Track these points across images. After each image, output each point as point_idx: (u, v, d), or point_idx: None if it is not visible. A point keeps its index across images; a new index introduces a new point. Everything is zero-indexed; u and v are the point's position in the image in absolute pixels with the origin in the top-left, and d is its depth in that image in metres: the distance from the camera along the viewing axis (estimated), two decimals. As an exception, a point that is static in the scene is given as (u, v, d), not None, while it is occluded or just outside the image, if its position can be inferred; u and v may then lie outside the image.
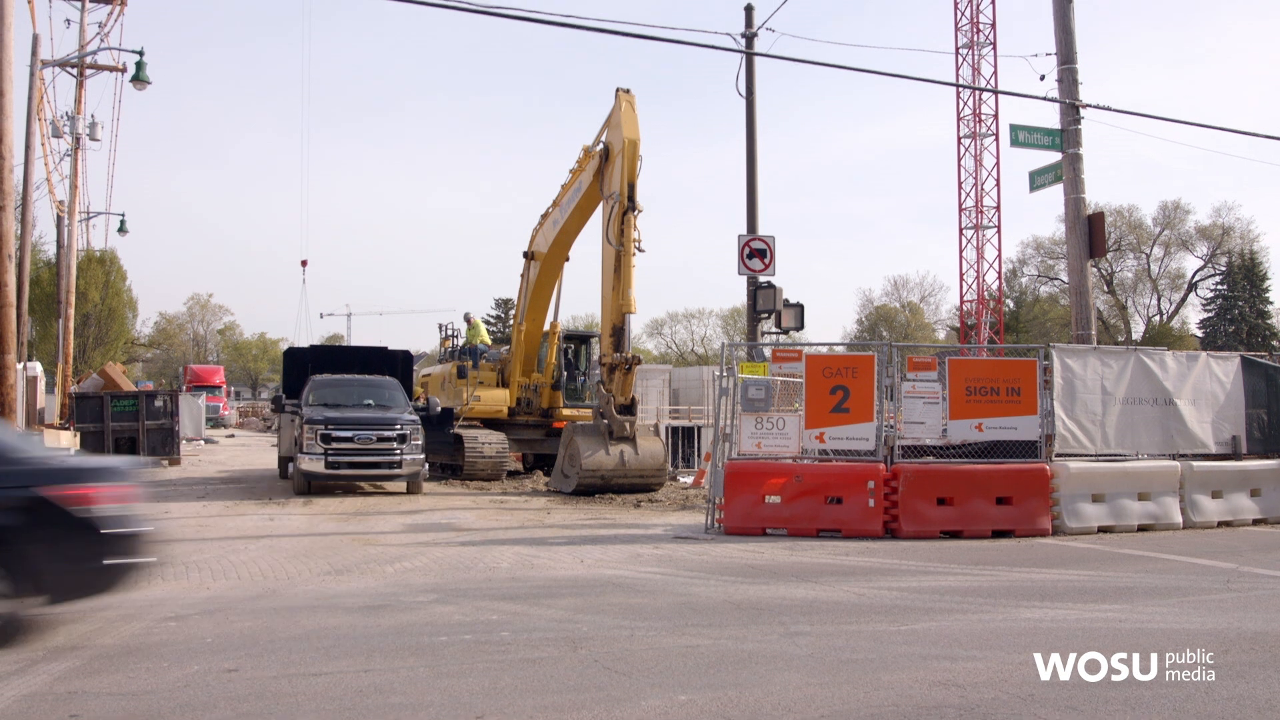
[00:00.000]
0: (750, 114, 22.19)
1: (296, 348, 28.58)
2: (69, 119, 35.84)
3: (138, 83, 29.44)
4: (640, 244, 19.99)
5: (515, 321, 26.54)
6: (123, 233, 43.81)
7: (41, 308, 45.86)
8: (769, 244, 20.86)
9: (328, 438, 19.22)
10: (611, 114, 21.03)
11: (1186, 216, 77.52)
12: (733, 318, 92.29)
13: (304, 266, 70.76)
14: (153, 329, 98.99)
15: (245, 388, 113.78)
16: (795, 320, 21.11)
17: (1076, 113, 19.35)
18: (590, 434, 20.31)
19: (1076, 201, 19.45)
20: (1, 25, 19.98)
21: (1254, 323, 74.67)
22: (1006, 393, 15.35)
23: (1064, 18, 19.64)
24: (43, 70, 30.80)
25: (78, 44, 34.47)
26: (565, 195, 23.29)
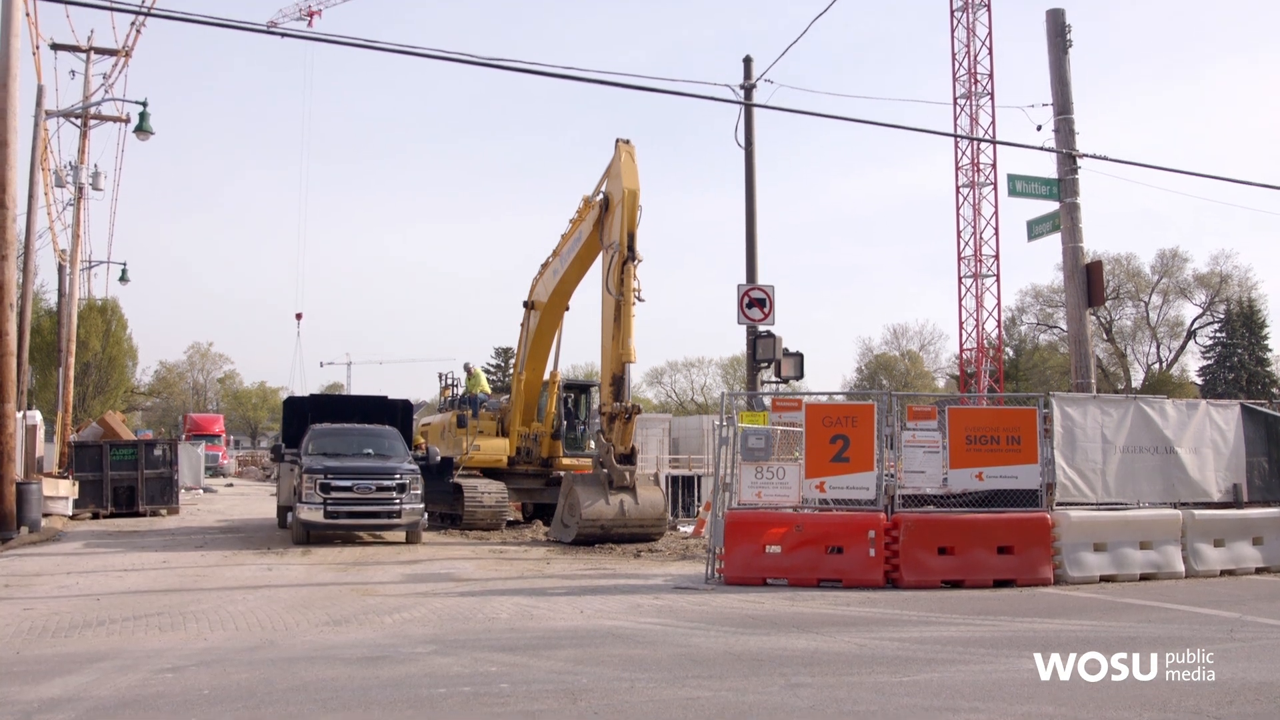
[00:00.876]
0: (749, 164, 22.33)
1: (296, 397, 28.61)
2: (72, 168, 36.09)
3: (141, 133, 29.66)
4: (640, 293, 20.06)
5: (515, 371, 26.56)
6: (124, 281, 44.03)
7: (42, 356, 45.91)
8: (768, 293, 20.92)
9: (327, 487, 19.17)
10: (611, 164, 21.16)
11: (1184, 264, 77.84)
12: (732, 367, 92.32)
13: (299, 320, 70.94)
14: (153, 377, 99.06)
15: (245, 436, 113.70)
16: (795, 369, 21.12)
17: (1073, 162, 19.48)
18: (590, 483, 20.26)
19: (1075, 250, 19.54)
20: (7, 76, 20.20)
21: (1253, 370, 74.66)
22: (1007, 441, 15.33)
23: (1060, 69, 19.81)
24: (47, 120, 31.09)
25: (82, 95, 34.77)
26: (565, 245, 23.38)
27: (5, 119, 20.11)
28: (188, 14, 14.58)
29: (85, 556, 17.81)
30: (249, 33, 16.23)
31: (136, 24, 32.29)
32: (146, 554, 18.10)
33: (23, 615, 11.30)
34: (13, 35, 20.24)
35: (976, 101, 49.40)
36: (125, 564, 16.55)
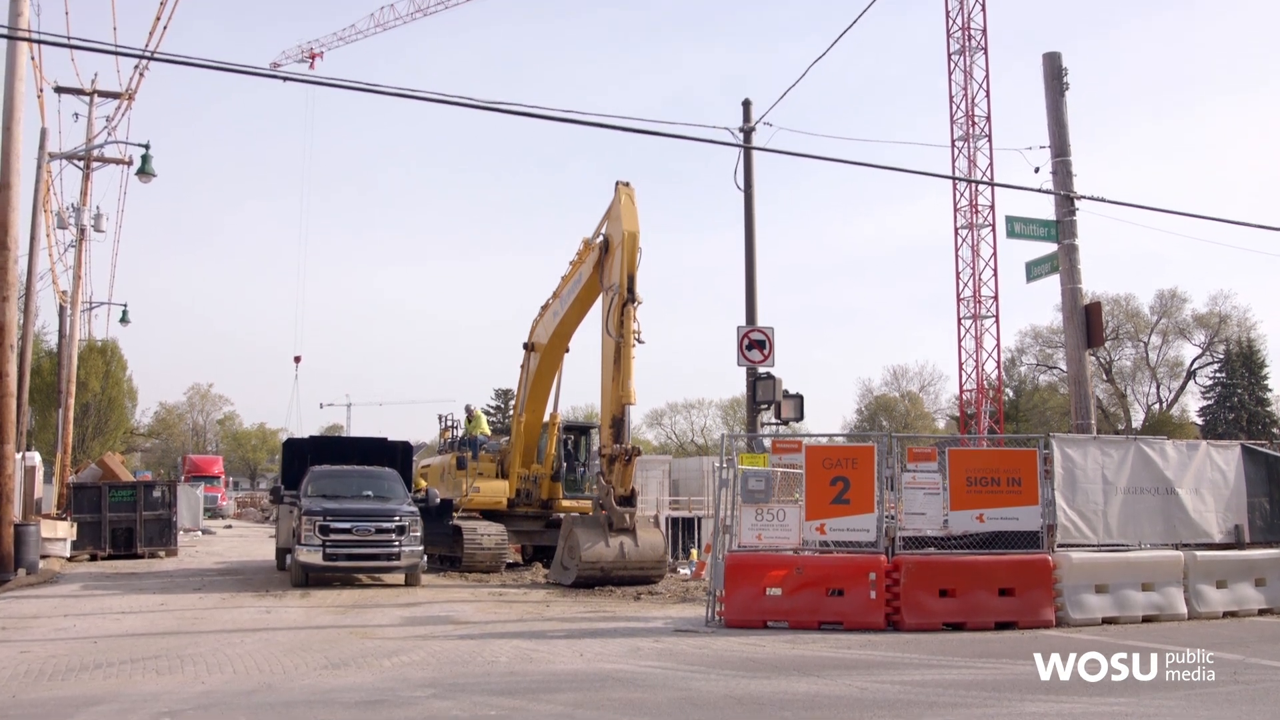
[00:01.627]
0: (749, 206, 22.43)
1: (296, 438, 28.56)
2: (74, 210, 36.23)
3: (143, 175, 29.78)
4: (640, 335, 20.08)
5: (515, 412, 26.55)
6: (124, 323, 44.07)
7: (41, 397, 45.86)
8: (768, 335, 20.95)
9: (326, 529, 19.10)
10: (611, 206, 21.25)
11: (1183, 305, 78.00)
12: (732, 408, 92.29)
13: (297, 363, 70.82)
14: (152, 419, 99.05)
15: (244, 478, 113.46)
16: (795, 411, 21.13)
17: (1071, 204, 19.58)
18: (590, 526, 20.21)
19: (1073, 292, 19.60)
20: (11, 120, 20.33)
21: (1254, 410, 74.62)
22: (1007, 483, 15.30)
23: (1057, 112, 19.96)
24: (50, 163, 31.23)
25: (85, 137, 34.96)
26: (565, 287, 23.44)
27: (8, 162, 20.23)
28: (191, 58, 14.68)
29: (83, 599, 17.73)
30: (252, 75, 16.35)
31: (140, 67, 32.49)
32: (144, 596, 18.02)
33: (19, 658, 11.24)
34: (17, 79, 20.39)
35: (974, 143, 49.63)
36: (123, 606, 16.48)
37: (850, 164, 18.97)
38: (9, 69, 20.28)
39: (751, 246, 22.45)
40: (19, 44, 20.03)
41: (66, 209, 36.08)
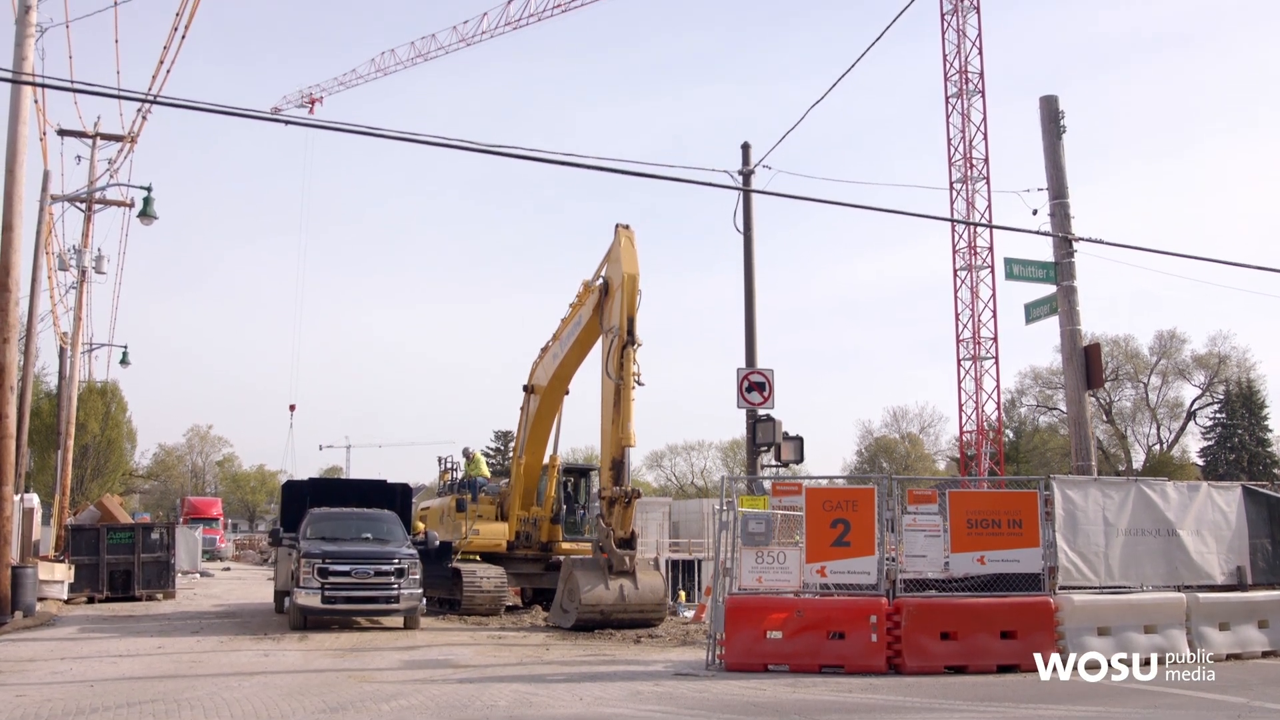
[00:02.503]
0: (748, 249, 22.49)
1: (295, 481, 28.55)
2: (75, 252, 36.32)
3: (145, 218, 29.92)
4: (640, 378, 20.10)
5: (514, 455, 26.51)
6: (125, 364, 44.08)
7: (41, 438, 45.82)
8: (768, 377, 20.96)
9: (325, 571, 19.04)
10: (611, 249, 21.32)
11: (1183, 346, 78.12)
12: (732, 450, 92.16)
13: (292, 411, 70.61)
14: (151, 460, 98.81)
15: (243, 520, 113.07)
16: (795, 453, 21.10)
17: (1069, 246, 19.63)
18: (589, 568, 20.14)
19: (1072, 333, 19.62)
20: (14, 163, 20.44)
21: (1254, 451, 74.59)
22: (1008, 525, 15.27)
23: (1054, 154, 20.05)
24: (52, 205, 31.34)
25: (87, 180, 35.10)
26: (565, 329, 23.48)
27: (11, 204, 20.31)
28: (194, 102, 14.76)
29: (80, 641, 17.65)
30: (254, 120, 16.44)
31: (143, 110, 32.69)
32: (142, 639, 17.94)
33: (15, 702, 11.18)
34: (21, 123, 20.51)
35: (973, 185, 49.91)
36: (120, 649, 16.40)
37: (849, 206, 19.06)
38: (12, 113, 20.40)
39: (751, 289, 22.50)
40: (23, 88, 20.15)
41: (68, 251, 36.20)
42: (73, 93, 19.18)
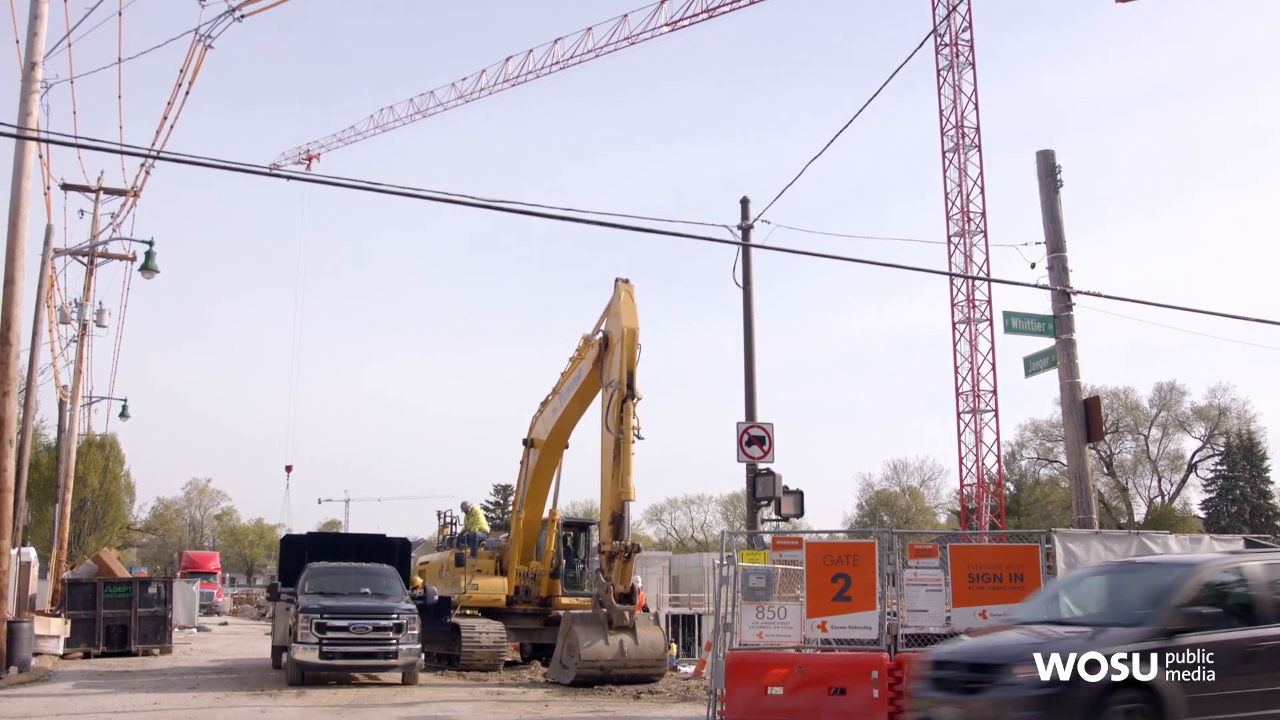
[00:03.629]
0: (747, 303, 22.57)
1: (294, 535, 28.45)
2: (77, 306, 36.44)
3: (146, 271, 30.01)
4: (639, 431, 20.10)
5: (514, 509, 26.43)
6: (124, 418, 44.09)
7: (39, 492, 45.70)
8: (767, 431, 20.95)
9: (323, 626, 18.93)
10: (611, 303, 21.40)
11: (1182, 397, 78.10)
12: (732, 503, 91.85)
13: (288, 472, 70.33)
14: (149, 514, 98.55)
15: (240, 574, 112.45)
16: (795, 507, 21.05)
17: (1068, 299, 19.68)
18: (589, 623, 20.02)
19: (1072, 386, 19.63)
20: (17, 217, 20.55)
21: (1256, 503, 74.36)
22: (1010, 579, 15.21)
23: (1051, 208, 20.16)
24: (54, 259, 31.46)
25: (90, 234, 35.28)
26: (565, 383, 23.50)
27: (14, 258, 20.40)
28: (196, 158, 14.87)
29: (75, 698, 17.52)
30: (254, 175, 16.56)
31: (146, 165, 32.91)
32: (138, 695, 17.80)
33: (10, 761, 11.09)
34: (25, 177, 20.65)
35: (970, 239, 50.06)
36: (116, 705, 16.27)
37: (848, 260, 19.15)
38: (16, 167, 20.54)
39: (750, 343, 22.55)
40: (27, 144, 20.32)
41: (69, 304, 36.32)
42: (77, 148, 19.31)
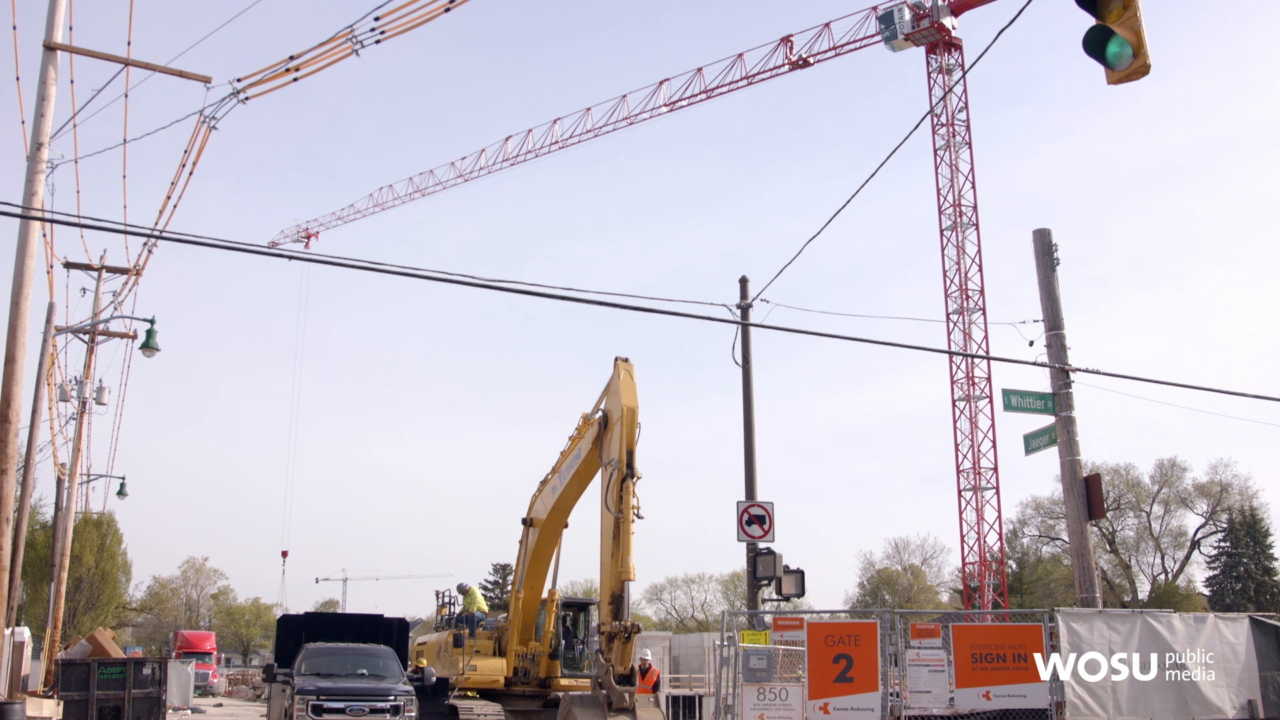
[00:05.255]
0: (747, 382, 22.61)
1: (291, 615, 28.23)
2: (77, 383, 36.48)
3: (147, 350, 30.11)
4: (639, 511, 20.00)
5: (513, 589, 26.24)
6: (122, 496, 43.91)
7: (34, 570, 45.41)
8: (768, 510, 20.89)
9: (319, 709, 18.72)
10: (610, 382, 21.42)
11: (1184, 474, 77.74)
12: (733, 583, 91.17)
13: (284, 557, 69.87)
14: (145, 593, 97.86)
15: (236, 654, 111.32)
16: (796, 587, 20.93)
17: (1066, 377, 19.75)
18: (588, 705, 19.76)
19: (1072, 464, 19.62)
20: (20, 295, 20.63)
21: (1260, 580, 73.80)
22: (1013, 659, 15.11)
23: (1049, 286, 20.31)
24: (56, 336, 31.57)
25: (91, 312, 35.43)
26: (564, 462, 23.44)
27: (15, 336, 20.43)
28: (198, 238, 14.98)
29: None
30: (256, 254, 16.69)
31: (149, 245, 33.15)
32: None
33: None
34: (28, 256, 20.74)
35: (969, 317, 50.34)
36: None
37: (847, 340, 19.24)
38: (20, 247, 20.65)
39: (750, 422, 22.57)
40: (31, 223, 20.47)
41: (69, 382, 36.37)
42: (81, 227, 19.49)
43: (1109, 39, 8.85)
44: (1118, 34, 8.82)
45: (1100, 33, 8.91)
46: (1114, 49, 8.81)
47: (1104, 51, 8.86)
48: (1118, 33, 8.83)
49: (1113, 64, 8.86)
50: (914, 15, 51.07)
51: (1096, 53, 8.92)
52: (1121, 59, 8.79)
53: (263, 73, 18.98)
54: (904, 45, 51.79)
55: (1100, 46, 8.87)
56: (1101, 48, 8.87)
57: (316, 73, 18.60)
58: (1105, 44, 8.85)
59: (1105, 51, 8.85)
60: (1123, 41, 8.78)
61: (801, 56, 52.98)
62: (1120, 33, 8.82)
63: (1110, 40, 8.84)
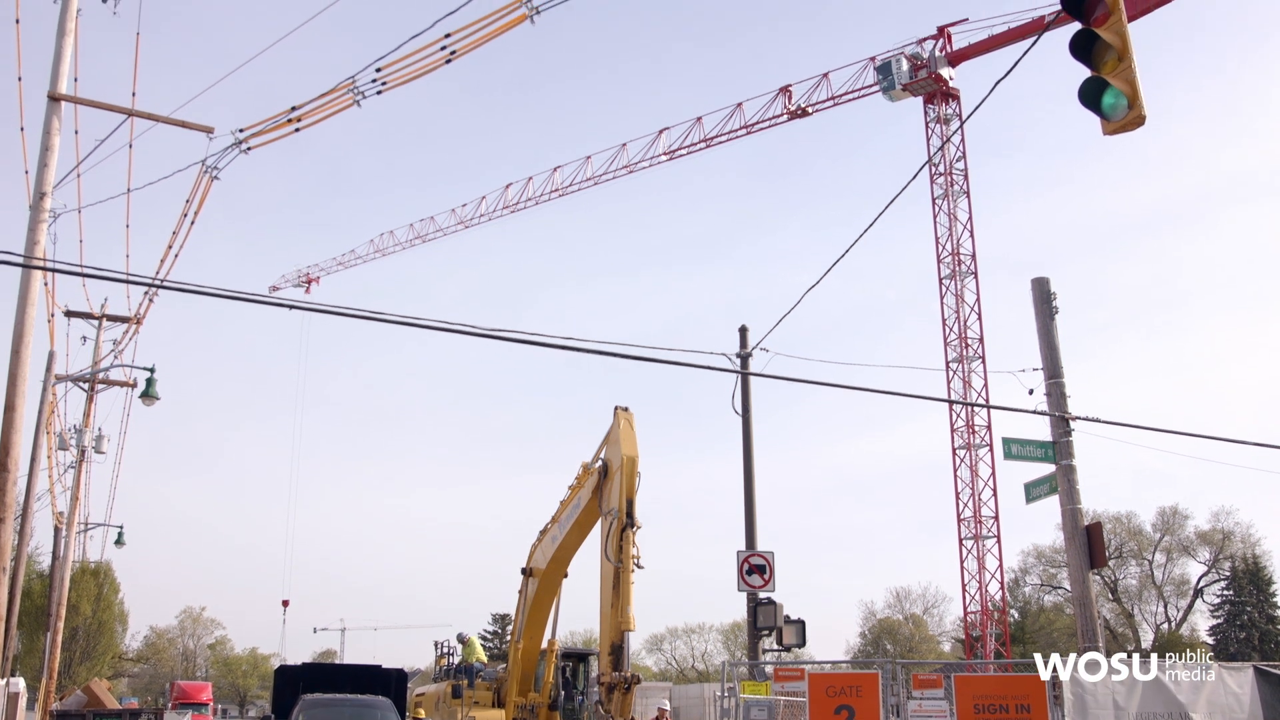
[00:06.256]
0: (747, 431, 22.61)
1: (288, 666, 28.06)
2: (76, 432, 36.43)
3: (146, 398, 30.08)
4: (639, 560, 19.89)
5: (512, 639, 26.07)
6: (119, 545, 43.70)
7: (30, 620, 45.17)
8: (768, 560, 20.82)
9: (316, 761, 18.58)
10: (610, 431, 21.38)
11: (1185, 522, 77.53)
12: (733, 632, 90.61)
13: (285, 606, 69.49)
14: (142, 643, 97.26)
15: (233, 705, 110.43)
16: (796, 637, 20.81)
17: (1066, 425, 19.72)
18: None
19: (1073, 512, 19.55)
20: (20, 344, 20.64)
21: (1265, 629, 73.34)
22: (1016, 709, 15.01)
23: (1048, 334, 20.33)
24: (56, 385, 31.56)
25: (92, 361, 35.45)
26: (564, 511, 23.35)
27: (15, 385, 20.41)
28: (200, 287, 15.01)
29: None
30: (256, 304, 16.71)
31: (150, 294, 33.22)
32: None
33: None
34: (29, 305, 20.77)
35: (969, 365, 50.40)
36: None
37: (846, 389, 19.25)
38: (21, 296, 20.69)
39: (750, 471, 22.53)
40: (33, 272, 20.52)
41: (68, 430, 36.31)
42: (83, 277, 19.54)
43: (1104, 90, 8.92)
44: (1113, 85, 8.90)
45: (1095, 84, 8.99)
46: (1109, 100, 8.88)
47: (1099, 103, 8.93)
48: (1113, 84, 8.91)
49: (1108, 115, 8.93)
50: (911, 66, 51.54)
51: (1092, 104, 8.99)
52: (1117, 110, 8.86)
53: (264, 123, 19.08)
54: (902, 95, 52.24)
55: (1096, 98, 8.94)
56: (1097, 99, 8.94)
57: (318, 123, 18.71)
58: (1100, 95, 8.92)
59: (1101, 103, 8.93)
60: (1118, 93, 8.86)
61: (800, 106, 53.43)
62: (1115, 84, 8.90)
63: (1105, 92, 8.92)
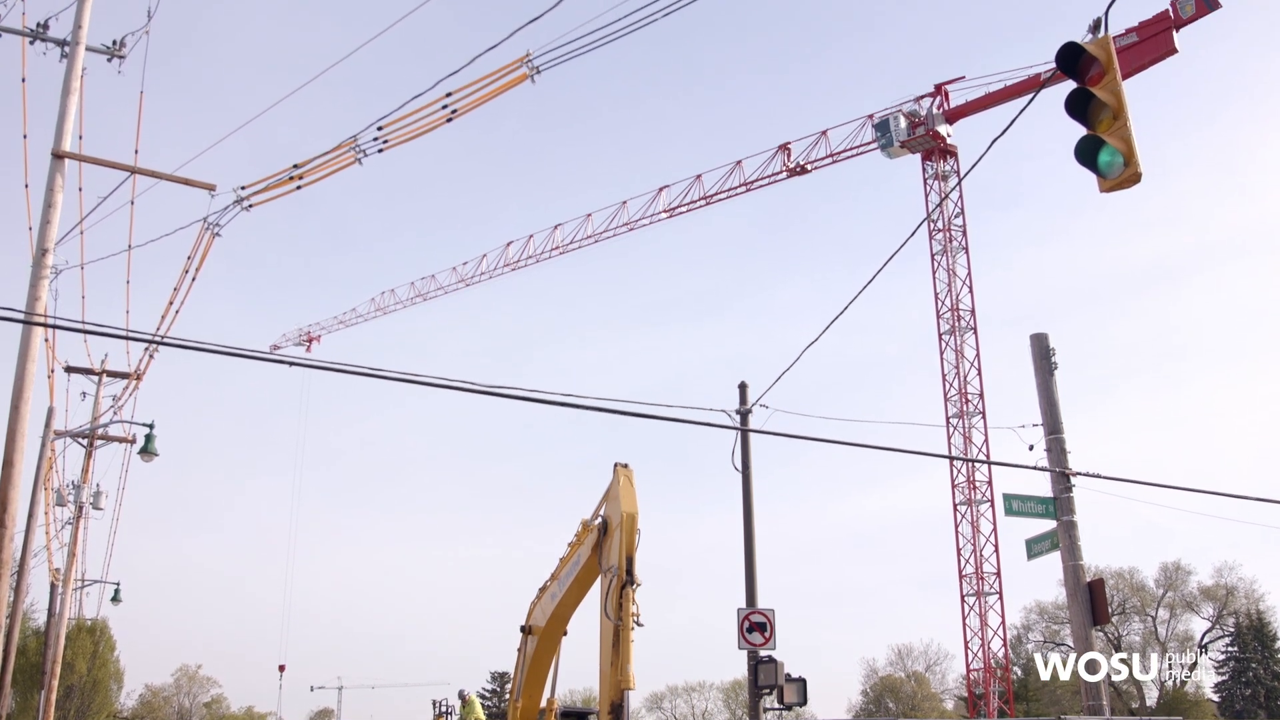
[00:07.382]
0: (746, 487, 22.52)
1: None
2: (74, 488, 36.31)
3: (145, 455, 29.93)
4: (639, 618, 19.75)
5: (511, 697, 25.83)
6: (116, 602, 43.41)
7: (24, 678, 44.76)
8: (769, 617, 20.67)
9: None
10: (610, 488, 21.30)
11: (1188, 577, 77.09)
12: (734, 690, 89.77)
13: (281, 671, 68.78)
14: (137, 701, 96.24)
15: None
16: (798, 696, 20.62)
17: (1067, 481, 19.64)
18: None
19: (1075, 569, 19.42)
20: (20, 400, 20.59)
21: (1270, 685, 72.64)
22: (1020, 772, 14.80)
23: (1047, 390, 20.30)
24: (54, 441, 31.47)
25: (91, 417, 35.38)
26: (563, 569, 23.22)
27: (14, 441, 20.34)
28: (201, 343, 15.01)
29: None
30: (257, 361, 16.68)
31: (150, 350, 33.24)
32: None
33: None
34: (30, 360, 20.75)
35: (969, 420, 50.33)
36: None
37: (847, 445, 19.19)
38: (22, 352, 20.67)
39: (750, 528, 22.42)
40: (34, 328, 20.53)
41: (67, 486, 36.21)
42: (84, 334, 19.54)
43: (1100, 148, 8.97)
44: (1109, 144, 8.95)
45: (1091, 142, 9.04)
46: (1105, 158, 8.92)
47: (1095, 161, 8.98)
48: (1109, 142, 8.95)
49: (1104, 173, 8.97)
50: (909, 123, 51.93)
51: (1088, 162, 9.04)
52: (1113, 168, 8.90)
53: (266, 181, 19.20)
54: (900, 153, 52.59)
55: (1092, 156, 8.99)
56: (1093, 157, 8.99)
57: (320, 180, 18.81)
58: (1097, 153, 8.97)
59: (1097, 161, 8.97)
60: (1114, 151, 8.90)
61: (799, 163, 53.79)
62: (1111, 142, 8.94)
63: (1101, 150, 8.96)
